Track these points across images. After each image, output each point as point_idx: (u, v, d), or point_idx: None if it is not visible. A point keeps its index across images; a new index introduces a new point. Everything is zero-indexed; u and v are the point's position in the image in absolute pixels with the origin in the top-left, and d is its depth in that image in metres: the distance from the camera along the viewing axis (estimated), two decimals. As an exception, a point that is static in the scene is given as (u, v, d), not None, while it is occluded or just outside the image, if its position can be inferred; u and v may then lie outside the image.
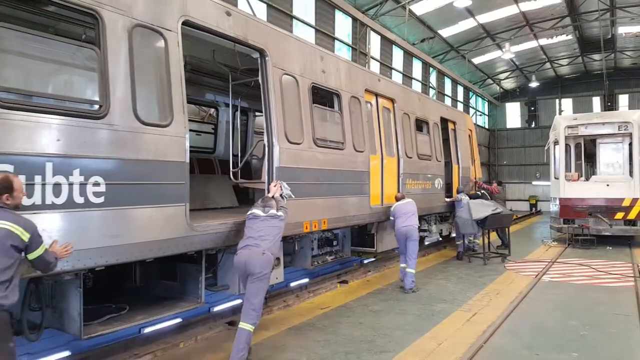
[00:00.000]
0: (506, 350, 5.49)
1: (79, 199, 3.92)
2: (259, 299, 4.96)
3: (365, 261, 10.91)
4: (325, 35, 18.82)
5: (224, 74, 7.52)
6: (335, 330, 6.14)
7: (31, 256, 3.29)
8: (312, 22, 18.20)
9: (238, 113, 9.35)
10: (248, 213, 5.44)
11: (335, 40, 19.52)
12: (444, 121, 12.62)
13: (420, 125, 11.17)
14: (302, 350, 5.38)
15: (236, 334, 4.86)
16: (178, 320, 6.00)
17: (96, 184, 4.03)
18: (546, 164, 17.21)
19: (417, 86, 26.59)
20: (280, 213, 5.41)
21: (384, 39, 22.86)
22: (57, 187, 3.77)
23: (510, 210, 14.70)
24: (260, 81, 6.21)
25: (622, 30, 26.67)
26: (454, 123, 13.30)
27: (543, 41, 28.51)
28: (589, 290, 8.61)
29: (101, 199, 4.07)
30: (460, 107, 32.66)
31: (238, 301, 6.72)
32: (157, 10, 4.74)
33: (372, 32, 21.45)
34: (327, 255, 8.26)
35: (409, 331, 6.11)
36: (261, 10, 15.40)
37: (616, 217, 13.74)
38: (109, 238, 4.15)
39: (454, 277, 9.56)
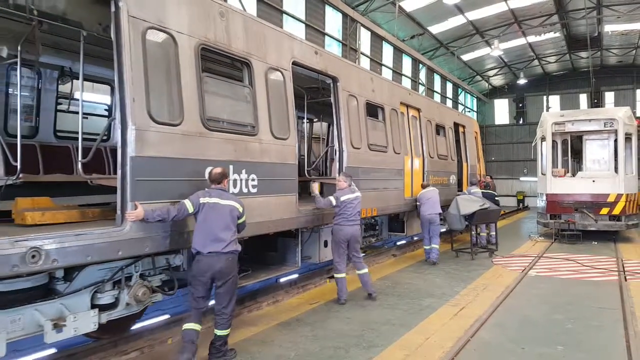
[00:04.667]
0: (493, 344, 5.56)
1: (245, 189, 5.68)
2: (359, 251, 7.49)
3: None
4: (315, 30, 18.76)
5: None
6: (324, 325, 6.17)
7: (240, 221, 5.00)
8: (302, 17, 18.14)
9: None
10: (343, 199, 7.12)
11: (326, 36, 19.47)
12: (456, 125, 14.37)
13: (439, 129, 12.85)
14: (291, 346, 5.40)
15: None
16: (166, 316, 5.99)
17: (253, 180, 5.79)
18: (533, 160, 17.35)
19: (406, 83, 26.67)
20: (360, 194, 7.44)
21: (374, 35, 22.85)
22: (234, 181, 5.52)
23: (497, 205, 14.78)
24: (332, 101, 7.97)
25: (608, 28, 26.98)
26: (464, 127, 15.11)
27: (531, 38, 28.71)
28: (574, 284, 8.74)
29: (256, 190, 5.83)
30: (449, 103, 32.85)
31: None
32: (279, 55, 6.51)
33: (362, 28, 21.40)
34: (371, 237, 10.32)
35: (397, 326, 6.16)
36: (251, 5, 15.20)
37: (601, 212, 13.92)
38: (258, 217, 5.84)
39: (442, 272, 9.63)
